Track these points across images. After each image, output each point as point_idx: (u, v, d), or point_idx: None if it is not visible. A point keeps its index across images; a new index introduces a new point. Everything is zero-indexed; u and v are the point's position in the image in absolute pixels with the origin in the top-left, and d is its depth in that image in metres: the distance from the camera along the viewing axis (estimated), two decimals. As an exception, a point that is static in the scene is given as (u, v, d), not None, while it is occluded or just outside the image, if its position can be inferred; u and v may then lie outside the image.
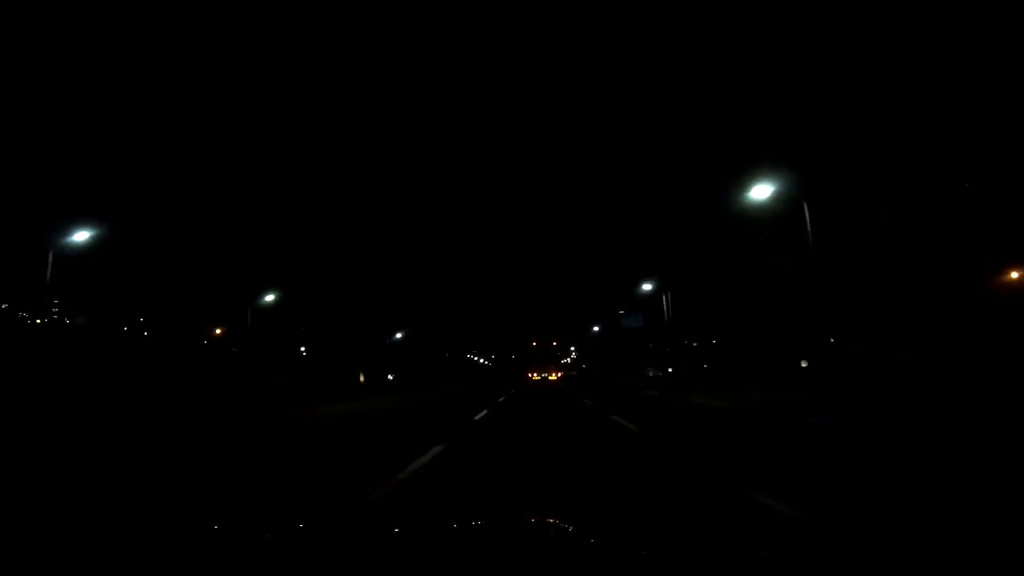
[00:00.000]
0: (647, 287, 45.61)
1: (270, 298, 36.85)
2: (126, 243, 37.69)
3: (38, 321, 38.57)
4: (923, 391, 15.48)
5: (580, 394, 22.46)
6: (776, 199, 21.47)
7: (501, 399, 20.10)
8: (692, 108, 66.14)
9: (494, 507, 4.13)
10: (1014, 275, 23.10)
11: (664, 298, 42.62)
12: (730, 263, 38.89)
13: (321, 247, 69.10)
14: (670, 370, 48.20)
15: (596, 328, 75.53)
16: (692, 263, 43.85)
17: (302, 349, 61.40)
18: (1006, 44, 21.50)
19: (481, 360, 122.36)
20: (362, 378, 50.37)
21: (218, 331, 52.46)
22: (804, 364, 30.89)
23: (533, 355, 64.34)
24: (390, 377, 60.33)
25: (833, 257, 23.73)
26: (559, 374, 58.22)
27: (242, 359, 39.72)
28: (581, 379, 57.04)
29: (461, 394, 25.28)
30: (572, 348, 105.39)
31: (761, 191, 21.26)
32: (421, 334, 72.51)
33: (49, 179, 43.93)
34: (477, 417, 12.53)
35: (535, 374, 55.70)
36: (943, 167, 23.55)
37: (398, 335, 63.63)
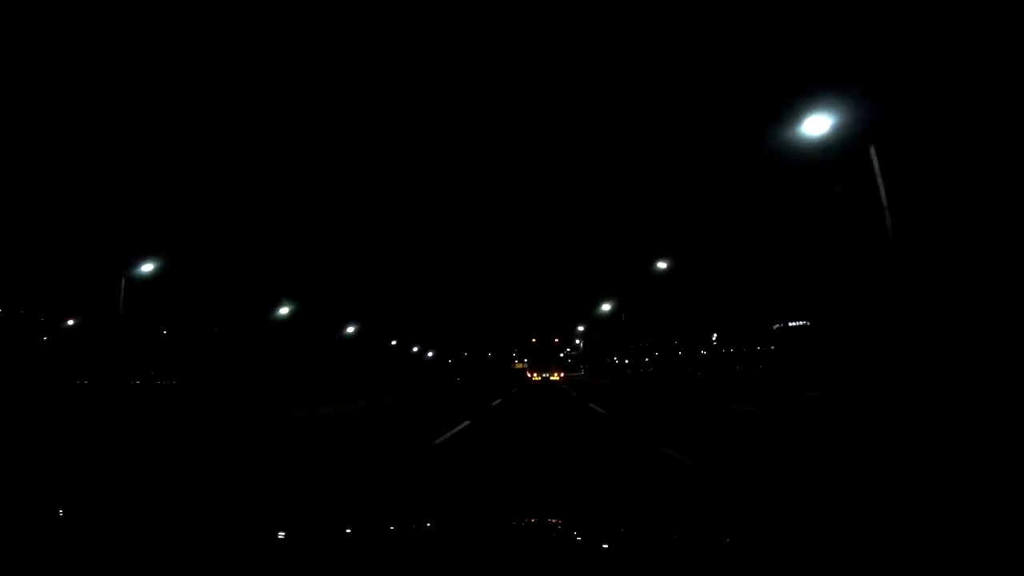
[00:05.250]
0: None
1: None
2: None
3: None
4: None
5: None
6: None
7: None
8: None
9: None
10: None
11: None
12: None
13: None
14: None
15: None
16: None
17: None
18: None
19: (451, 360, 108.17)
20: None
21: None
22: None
23: (534, 354, 65.52)
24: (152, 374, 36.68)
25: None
26: (562, 374, 59.05)
27: None
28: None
29: None
30: (577, 331, 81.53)
31: (817, 125, 13.52)
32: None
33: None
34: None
35: (535, 374, 57.15)
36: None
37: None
